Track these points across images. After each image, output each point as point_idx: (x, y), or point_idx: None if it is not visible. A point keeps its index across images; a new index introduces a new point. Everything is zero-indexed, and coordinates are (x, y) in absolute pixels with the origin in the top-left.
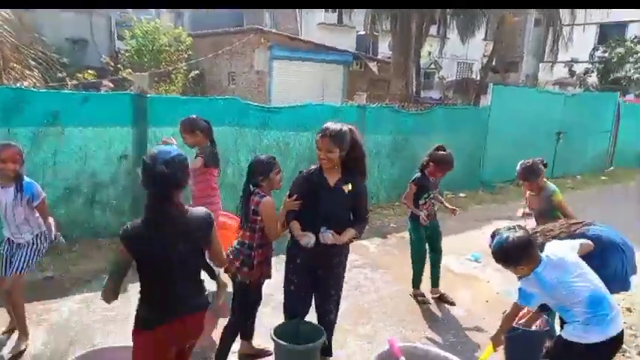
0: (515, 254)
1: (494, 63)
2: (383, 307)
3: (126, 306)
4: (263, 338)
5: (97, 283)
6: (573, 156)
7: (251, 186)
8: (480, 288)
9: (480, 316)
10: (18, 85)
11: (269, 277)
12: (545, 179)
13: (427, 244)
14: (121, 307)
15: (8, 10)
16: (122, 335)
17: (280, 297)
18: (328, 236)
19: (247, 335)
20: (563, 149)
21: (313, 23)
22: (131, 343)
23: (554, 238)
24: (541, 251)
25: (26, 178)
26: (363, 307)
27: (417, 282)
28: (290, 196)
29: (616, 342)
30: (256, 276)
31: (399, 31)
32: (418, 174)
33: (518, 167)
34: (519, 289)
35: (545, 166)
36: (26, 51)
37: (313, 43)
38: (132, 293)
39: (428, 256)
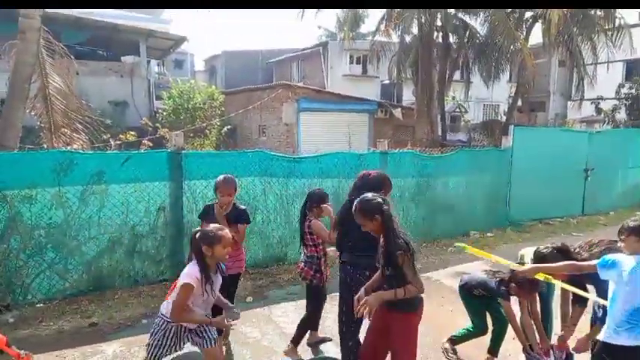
0: None
1: (519, 104)
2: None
3: None
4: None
5: (138, 327)
6: (604, 192)
7: (307, 211)
8: None
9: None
10: (67, 148)
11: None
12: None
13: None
14: None
15: (59, 80)
16: None
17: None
18: None
19: (315, 328)
20: (592, 186)
21: (339, 75)
22: None
23: (601, 253)
24: None
25: None
26: None
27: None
28: None
29: None
30: (325, 278)
31: (421, 78)
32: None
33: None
34: (608, 259)
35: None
36: (74, 116)
37: (338, 95)
38: None
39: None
